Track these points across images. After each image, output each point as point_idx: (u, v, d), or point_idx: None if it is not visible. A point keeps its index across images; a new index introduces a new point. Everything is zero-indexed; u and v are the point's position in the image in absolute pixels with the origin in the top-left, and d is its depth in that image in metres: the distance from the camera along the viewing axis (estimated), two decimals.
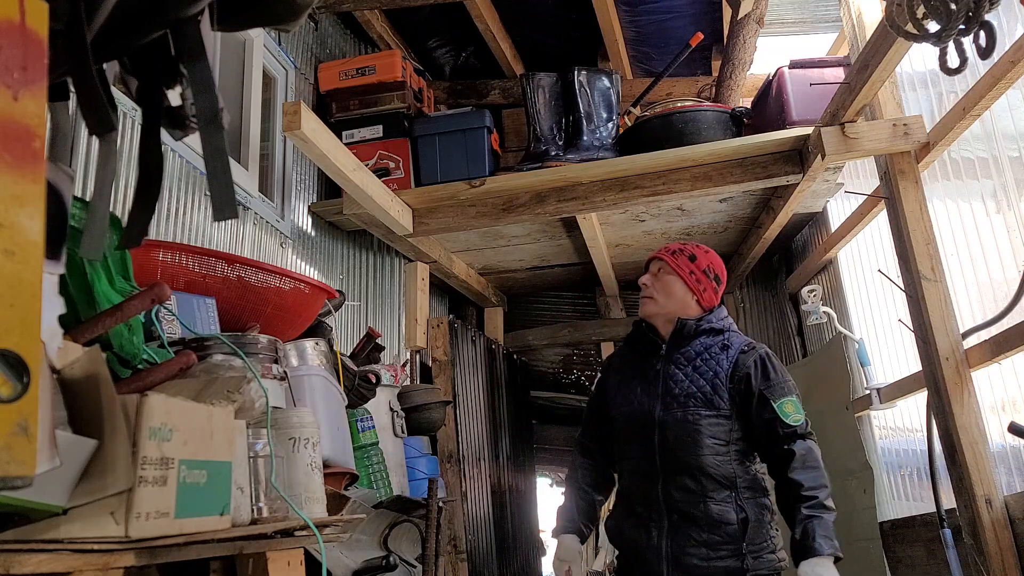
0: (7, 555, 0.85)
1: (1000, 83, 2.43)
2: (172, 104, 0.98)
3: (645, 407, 2.21)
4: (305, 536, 1.40)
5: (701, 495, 2.10)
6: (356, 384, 2.41)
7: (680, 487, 2.12)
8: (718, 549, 2.07)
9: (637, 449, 2.21)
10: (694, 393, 2.17)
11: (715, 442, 2.13)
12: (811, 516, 2.02)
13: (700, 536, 2.08)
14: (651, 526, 2.14)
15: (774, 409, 2.13)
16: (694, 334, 2.25)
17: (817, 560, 1.99)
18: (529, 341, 5.40)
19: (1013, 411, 2.65)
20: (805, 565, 2.00)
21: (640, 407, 2.22)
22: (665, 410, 2.18)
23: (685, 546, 2.08)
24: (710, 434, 2.13)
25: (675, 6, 4.25)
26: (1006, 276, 2.64)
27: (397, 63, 3.90)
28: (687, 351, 2.24)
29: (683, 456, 2.13)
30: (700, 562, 2.07)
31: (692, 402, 2.16)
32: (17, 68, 0.64)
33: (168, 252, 1.83)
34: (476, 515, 4.03)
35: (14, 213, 0.62)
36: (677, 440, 2.14)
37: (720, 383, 2.17)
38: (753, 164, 3.51)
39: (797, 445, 2.10)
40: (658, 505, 2.14)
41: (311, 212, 3.64)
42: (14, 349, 0.60)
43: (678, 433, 2.14)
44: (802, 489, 2.05)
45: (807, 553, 2.00)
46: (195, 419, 1.07)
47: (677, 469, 2.13)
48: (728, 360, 2.20)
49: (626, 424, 2.26)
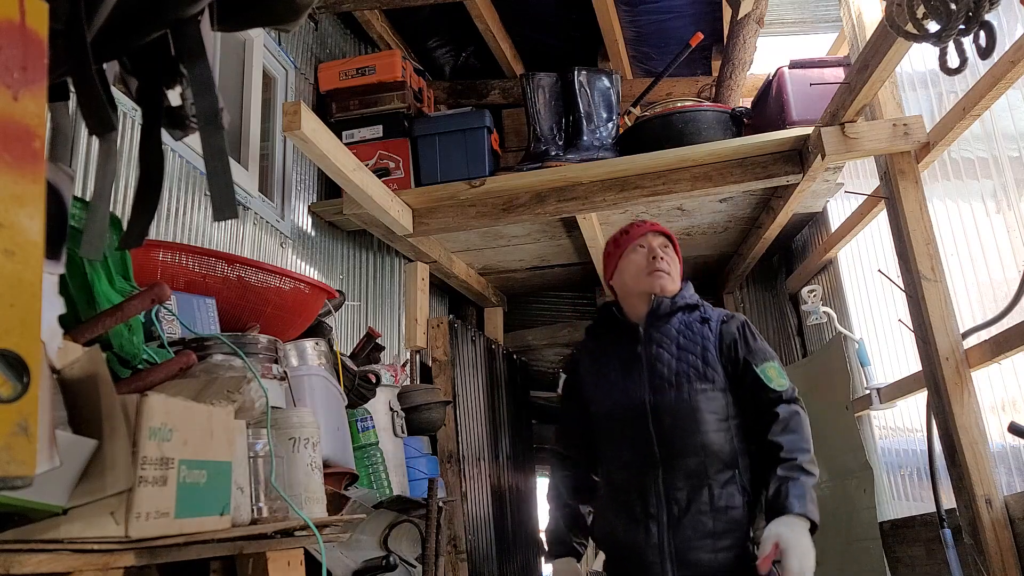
0: (7, 555, 0.85)
1: (1000, 83, 2.43)
2: (172, 104, 0.98)
3: (633, 396, 2.05)
4: (305, 536, 1.40)
5: (705, 479, 1.95)
6: (356, 384, 2.41)
7: (683, 473, 1.96)
8: (723, 538, 1.91)
9: (628, 443, 2.04)
10: (685, 370, 2.03)
11: (715, 418, 1.99)
12: (786, 477, 1.87)
13: (705, 526, 1.92)
14: (650, 523, 1.97)
15: (757, 375, 2.01)
16: (671, 312, 2.11)
17: (785, 519, 1.82)
18: (529, 341, 5.40)
19: (1013, 411, 2.65)
20: (772, 525, 1.83)
21: (626, 397, 2.06)
22: (656, 394, 2.02)
23: (691, 539, 1.91)
24: (709, 410, 1.99)
25: (675, 6, 4.25)
26: (1006, 276, 2.64)
27: (397, 63, 3.90)
28: (667, 330, 2.10)
29: (684, 438, 1.97)
30: (707, 555, 1.90)
31: (685, 380, 2.01)
32: (17, 68, 0.64)
33: (168, 252, 1.83)
34: (476, 515, 4.03)
35: (14, 213, 0.62)
36: (675, 423, 1.99)
37: (711, 355, 2.04)
38: (753, 164, 3.51)
39: (781, 408, 1.97)
40: (658, 499, 1.97)
41: (311, 212, 3.64)
42: (14, 349, 0.60)
43: (675, 415, 1.99)
44: (780, 451, 1.91)
45: (778, 511, 1.84)
46: (195, 419, 1.07)
47: (678, 453, 1.97)
48: (713, 332, 2.07)
49: (612, 419, 2.10)
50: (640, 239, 2.18)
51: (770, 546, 1.80)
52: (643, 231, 2.19)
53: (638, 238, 2.18)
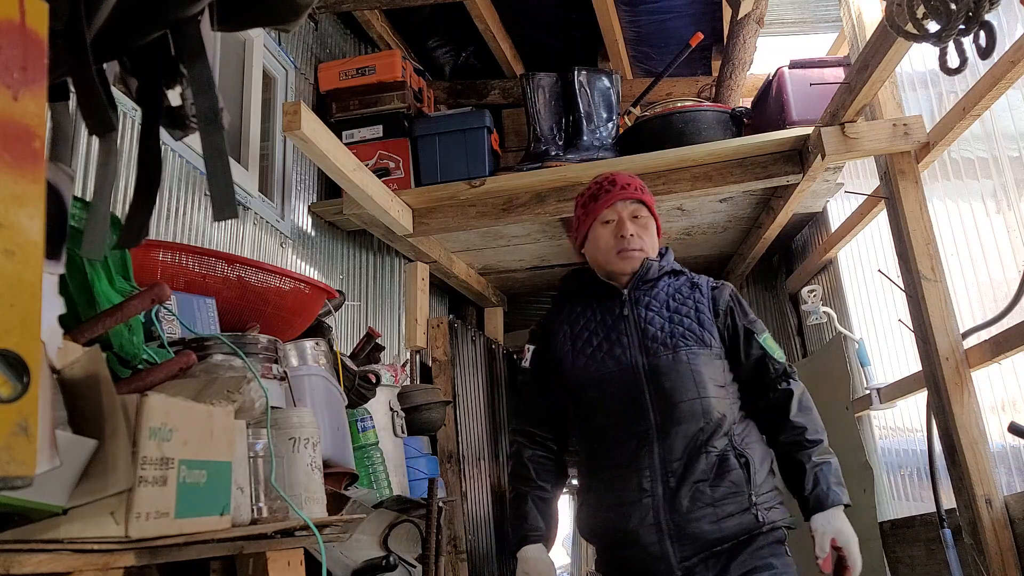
0: (7, 555, 0.85)
1: (1000, 83, 2.43)
2: (172, 104, 0.98)
3: (624, 361, 1.87)
4: (305, 536, 1.40)
5: (704, 445, 1.80)
6: (356, 384, 2.41)
7: (682, 441, 1.79)
8: (725, 504, 1.76)
9: (617, 413, 1.86)
10: (681, 333, 1.87)
11: (714, 383, 1.85)
12: (821, 463, 1.82)
13: (704, 495, 1.77)
14: (644, 499, 1.78)
15: (761, 345, 1.91)
16: (658, 276, 1.97)
17: (833, 513, 1.78)
18: None
19: (1013, 411, 2.65)
20: (820, 518, 1.78)
21: (615, 362, 1.88)
22: (650, 356, 1.85)
23: (690, 511, 1.76)
24: (708, 374, 1.85)
25: (675, 6, 4.25)
26: (1006, 276, 2.64)
27: (397, 63, 3.90)
28: (655, 294, 1.95)
29: (684, 403, 1.81)
30: (710, 526, 1.75)
31: (681, 342, 1.86)
32: (17, 68, 0.64)
33: (168, 252, 1.83)
34: (476, 515, 4.03)
35: (14, 213, 0.62)
36: (675, 386, 1.82)
37: (706, 319, 1.90)
38: (753, 164, 3.51)
39: (793, 385, 1.89)
40: (652, 472, 1.79)
41: (311, 212, 3.64)
42: (14, 349, 0.60)
43: (675, 377, 1.83)
44: (807, 433, 1.83)
45: (823, 503, 1.78)
46: (195, 419, 1.07)
47: (678, 419, 1.80)
48: (704, 297, 1.95)
49: (599, 388, 1.89)
50: (608, 210, 1.98)
51: (828, 544, 1.76)
52: (611, 199, 1.97)
53: (606, 208, 1.98)
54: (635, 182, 2.03)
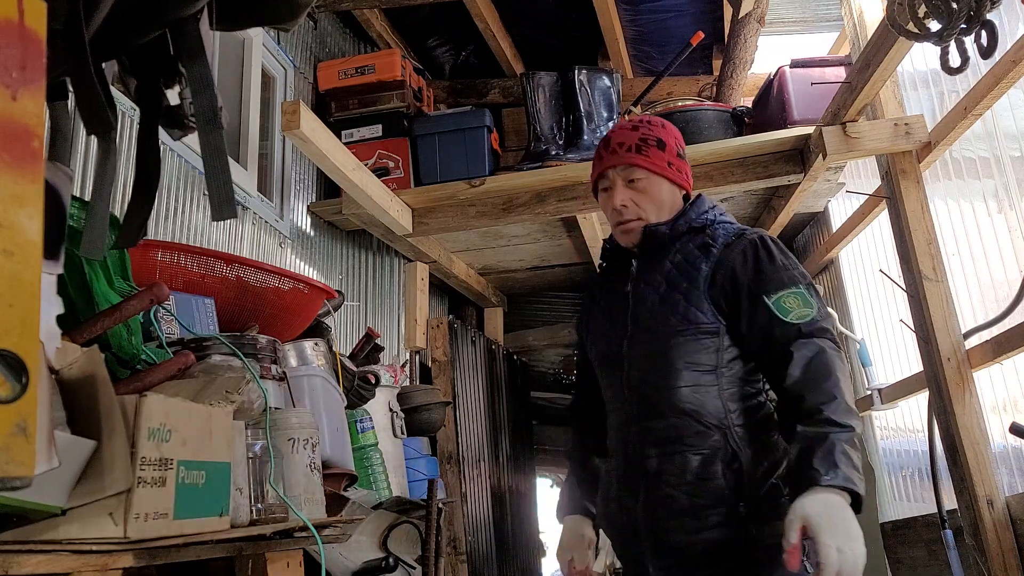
0: (6, 556, 0.85)
1: (1002, 82, 2.43)
2: (171, 103, 0.98)
3: (613, 343, 1.69)
4: (304, 537, 1.40)
5: (678, 445, 1.55)
6: (355, 385, 2.41)
7: (653, 439, 1.58)
8: (704, 516, 1.50)
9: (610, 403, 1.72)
10: (664, 313, 1.61)
11: (694, 371, 1.57)
12: (810, 435, 1.40)
13: (677, 502, 1.52)
14: (628, 497, 1.62)
15: (768, 307, 1.53)
16: (668, 240, 1.68)
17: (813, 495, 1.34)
18: (529, 342, 5.40)
19: (1015, 411, 2.65)
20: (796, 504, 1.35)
21: (609, 344, 1.71)
22: (630, 340, 1.65)
23: (663, 519, 1.54)
24: (688, 361, 1.57)
25: (676, 5, 4.25)
26: (1008, 276, 2.64)
27: (397, 62, 3.89)
28: (660, 263, 1.68)
29: (651, 396, 1.60)
30: (684, 536, 1.51)
31: (662, 323, 1.61)
32: (16, 67, 0.63)
33: (167, 252, 1.83)
34: (476, 516, 4.02)
35: (13, 213, 0.62)
36: (644, 378, 1.61)
37: (697, 291, 1.60)
38: (754, 164, 3.51)
39: (797, 345, 1.48)
40: (632, 467, 1.61)
41: (310, 212, 3.64)
42: (13, 349, 0.60)
43: (644, 367, 1.61)
44: (801, 402, 1.44)
45: (799, 485, 1.38)
46: (194, 420, 1.07)
47: (645, 414, 1.60)
48: (709, 261, 1.62)
49: (600, 374, 1.75)
50: (602, 177, 1.74)
51: (795, 533, 1.33)
52: (603, 166, 1.73)
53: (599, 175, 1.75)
54: (629, 139, 1.71)
